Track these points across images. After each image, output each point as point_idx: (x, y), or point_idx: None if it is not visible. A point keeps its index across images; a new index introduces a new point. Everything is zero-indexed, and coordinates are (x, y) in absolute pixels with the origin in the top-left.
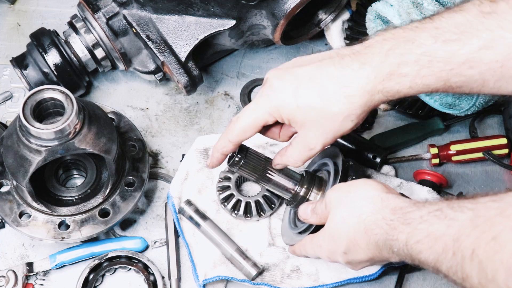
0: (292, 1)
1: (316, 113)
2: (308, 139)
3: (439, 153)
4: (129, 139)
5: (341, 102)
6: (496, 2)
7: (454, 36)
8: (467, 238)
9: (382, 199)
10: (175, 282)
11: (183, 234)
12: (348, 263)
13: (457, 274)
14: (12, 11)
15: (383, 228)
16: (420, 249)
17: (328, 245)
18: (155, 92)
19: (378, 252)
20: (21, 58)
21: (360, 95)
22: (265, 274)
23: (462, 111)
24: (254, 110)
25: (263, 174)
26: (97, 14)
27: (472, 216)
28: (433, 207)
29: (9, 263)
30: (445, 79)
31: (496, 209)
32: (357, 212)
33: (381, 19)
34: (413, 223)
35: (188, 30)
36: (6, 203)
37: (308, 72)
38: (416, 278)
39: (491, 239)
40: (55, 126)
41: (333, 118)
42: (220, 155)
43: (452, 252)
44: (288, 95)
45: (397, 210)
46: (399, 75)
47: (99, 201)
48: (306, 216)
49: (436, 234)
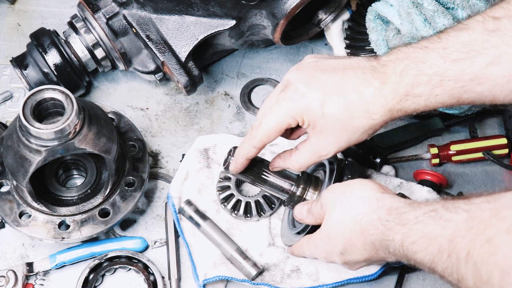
0: (292, 1)
1: (339, 124)
2: (321, 146)
3: (439, 153)
4: (129, 139)
5: (364, 117)
6: (499, 19)
7: (462, 55)
8: (462, 240)
9: (378, 199)
10: (175, 282)
11: (183, 234)
12: (345, 264)
13: (452, 275)
14: (12, 11)
15: (379, 228)
16: (416, 250)
17: (324, 245)
18: (155, 92)
19: (374, 252)
20: (21, 58)
21: (381, 114)
22: (265, 274)
23: (462, 111)
24: (277, 115)
25: (258, 175)
26: (97, 14)
27: (467, 217)
28: (428, 208)
29: (9, 263)
30: (457, 96)
31: (490, 210)
32: (353, 212)
33: (381, 19)
34: (408, 224)
35: (188, 30)
36: (6, 203)
37: (334, 81)
38: (416, 278)
39: (486, 241)
40: (55, 126)
41: (353, 130)
42: (244, 160)
43: (448, 254)
44: (315, 102)
45: (393, 210)
46: (414, 95)
47: (99, 201)
48: (301, 216)
49: (431, 235)
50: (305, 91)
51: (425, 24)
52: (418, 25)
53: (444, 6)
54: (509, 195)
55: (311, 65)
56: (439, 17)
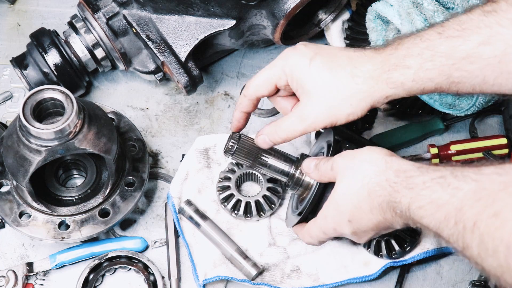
0: (292, 1)
1: (322, 83)
2: (305, 109)
3: (439, 153)
4: (129, 139)
5: (346, 79)
6: (497, 2)
7: (456, 32)
8: (469, 210)
9: (386, 161)
10: (175, 282)
11: (183, 234)
12: (354, 234)
13: (457, 243)
14: (12, 11)
15: (387, 189)
16: (422, 215)
17: (333, 214)
18: (155, 92)
19: (382, 216)
20: (21, 58)
21: (365, 78)
22: (265, 274)
23: (462, 111)
24: (270, 68)
25: (257, 158)
26: (97, 14)
27: (476, 187)
28: (437, 174)
29: (9, 263)
30: (447, 73)
31: (500, 183)
32: (361, 175)
33: (381, 19)
34: (415, 189)
35: (188, 30)
36: (6, 203)
37: (331, 49)
38: (416, 278)
39: (493, 214)
40: (55, 126)
41: (334, 94)
42: (238, 112)
43: (454, 221)
44: (306, 58)
45: (401, 172)
46: (404, 66)
47: (99, 201)
48: (308, 170)
49: (438, 202)
50: (301, 49)
51: (425, 24)
52: (418, 25)
53: (444, 6)
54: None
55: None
56: (439, 17)
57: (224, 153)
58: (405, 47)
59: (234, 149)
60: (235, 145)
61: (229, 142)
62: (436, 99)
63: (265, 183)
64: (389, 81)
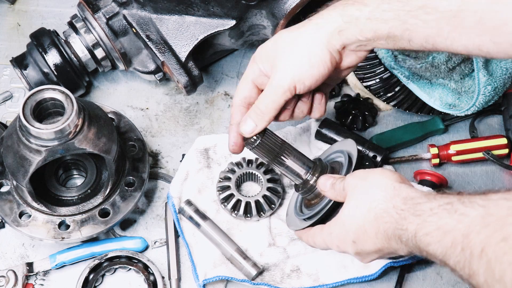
0: (292, 1)
1: (287, 49)
2: (276, 79)
3: (439, 153)
4: (129, 139)
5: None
6: None
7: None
8: (477, 236)
9: (395, 188)
10: (175, 282)
11: (183, 234)
12: (357, 254)
13: (464, 270)
14: (12, 11)
15: (393, 217)
16: (429, 242)
17: (338, 231)
18: (155, 92)
19: (386, 242)
20: (21, 58)
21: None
22: (265, 274)
23: (462, 111)
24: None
25: (277, 156)
26: (97, 14)
27: (483, 213)
28: (444, 200)
29: (9, 263)
30: (402, 19)
31: (508, 208)
32: (369, 199)
33: None
34: (423, 215)
35: (188, 30)
36: (6, 203)
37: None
38: (416, 278)
39: (501, 239)
40: (55, 126)
41: (298, 56)
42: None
43: (461, 248)
44: (271, 41)
45: (408, 200)
46: (361, 3)
47: (99, 201)
48: (324, 188)
49: (445, 228)
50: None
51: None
52: None
53: None
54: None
55: None
56: None
57: (245, 145)
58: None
59: (256, 143)
60: (258, 140)
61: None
62: (436, 99)
63: (265, 183)
64: (343, 13)
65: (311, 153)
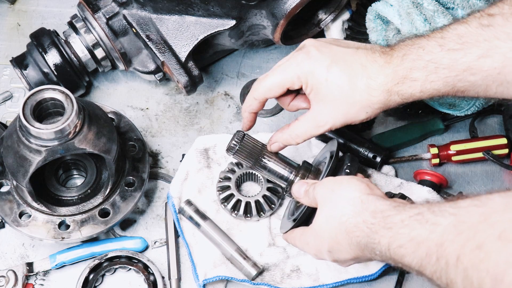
0: (292, 1)
1: (340, 93)
2: (320, 115)
3: (439, 153)
4: (129, 139)
5: (365, 91)
6: (493, 16)
7: (457, 45)
8: (451, 244)
9: (362, 201)
10: (175, 282)
11: (183, 234)
12: (335, 261)
13: (441, 279)
14: (12, 11)
15: (364, 231)
16: (403, 254)
17: (314, 242)
18: (155, 92)
19: (360, 252)
20: (21, 58)
21: (380, 92)
22: (265, 274)
23: (462, 111)
24: (284, 71)
25: (258, 160)
26: (97, 14)
27: (455, 221)
28: (414, 211)
29: (9, 263)
30: (451, 84)
31: (479, 215)
32: (338, 213)
33: (381, 19)
34: (394, 228)
35: (188, 30)
36: (6, 203)
37: (344, 53)
38: (416, 278)
39: (476, 247)
40: (55, 126)
41: (352, 103)
42: (248, 114)
43: (436, 258)
44: (322, 66)
45: (377, 213)
46: (411, 79)
47: (99, 201)
48: (298, 195)
49: (418, 239)
50: (315, 55)
51: (425, 24)
52: (418, 25)
53: (444, 6)
54: (496, 198)
55: (329, 40)
56: (439, 17)
57: (226, 151)
58: (410, 59)
59: (236, 148)
60: (238, 145)
61: (232, 140)
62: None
63: (265, 183)
64: (400, 93)
65: (311, 153)
